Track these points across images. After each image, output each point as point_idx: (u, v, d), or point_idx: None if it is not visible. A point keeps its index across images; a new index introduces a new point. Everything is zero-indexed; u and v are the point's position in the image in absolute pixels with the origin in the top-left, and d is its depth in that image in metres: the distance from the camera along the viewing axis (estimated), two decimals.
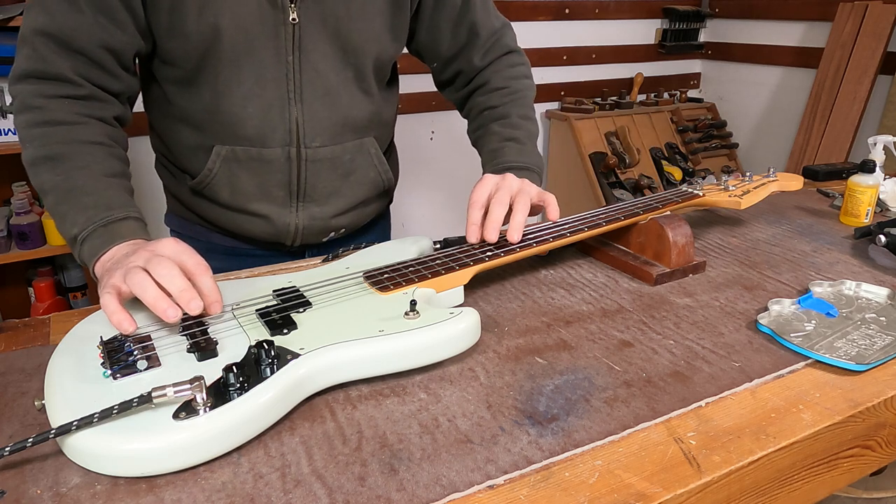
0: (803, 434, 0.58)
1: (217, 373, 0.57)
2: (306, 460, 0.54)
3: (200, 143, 0.92)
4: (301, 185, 0.95)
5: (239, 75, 0.87)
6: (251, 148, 0.91)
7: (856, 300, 0.82)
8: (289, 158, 0.92)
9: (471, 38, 1.04)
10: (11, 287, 2.15)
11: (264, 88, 0.88)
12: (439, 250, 0.82)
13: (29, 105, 0.79)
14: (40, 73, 0.80)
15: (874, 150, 1.18)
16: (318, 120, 0.92)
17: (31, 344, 0.73)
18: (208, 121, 0.90)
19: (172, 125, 0.94)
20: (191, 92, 0.89)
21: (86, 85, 0.82)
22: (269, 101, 0.89)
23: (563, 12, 2.84)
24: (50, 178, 0.77)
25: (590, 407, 0.61)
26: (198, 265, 0.66)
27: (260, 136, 0.90)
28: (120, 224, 0.75)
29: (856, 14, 2.58)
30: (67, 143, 0.78)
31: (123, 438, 0.51)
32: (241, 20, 0.84)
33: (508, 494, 0.51)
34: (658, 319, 0.78)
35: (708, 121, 3.15)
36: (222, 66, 0.86)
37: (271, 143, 0.91)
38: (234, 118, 0.89)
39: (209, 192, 0.96)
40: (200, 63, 0.86)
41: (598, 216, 0.91)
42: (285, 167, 0.93)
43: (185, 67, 0.87)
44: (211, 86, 0.88)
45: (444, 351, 0.66)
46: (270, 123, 0.90)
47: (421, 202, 2.77)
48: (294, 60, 0.88)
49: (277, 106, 0.89)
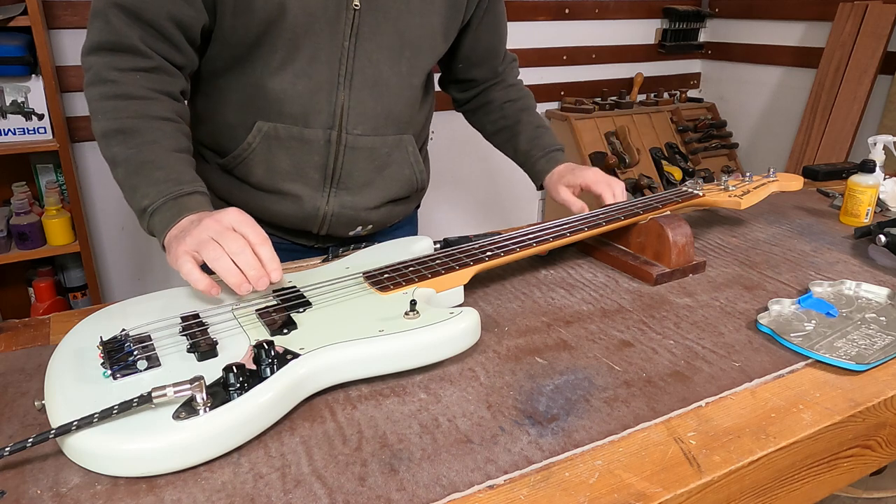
0: (803, 434, 0.58)
1: (217, 373, 0.57)
2: (306, 460, 0.54)
3: (242, 119, 0.93)
4: (337, 171, 0.96)
5: (295, 54, 0.87)
6: (293, 126, 0.91)
7: (856, 300, 0.82)
8: (329, 142, 0.93)
9: (500, 44, 1.14)
10: (11, 287, 2.15)
11: (316, 69, 0.89)
12: (439, 250, 0.82)
13: (103, 78, 0.81)
14: (112, 44, 0.81)
15: (874, 150, 1.18)
16: (364, 108, 0.93)
17: (31, 344, 0.73)
18: (255, 97, 0.91)
19: (213, 101, 0.95)
20: (243, 67, 0.90)
21: (155, 57, 0.83)
22: (319, 82, 0.90)
23: (563, 12, 2.84)
24: (122, 150, 0.79)
25: (590, 407, 0.61)
26: (258, 235, 0.70)
27: (304, 115, 0.91)
28: (189, 198, 0.77)
29: (856, 14, 2.58)
30: (139, 117, 0.80)
31: (123, 438, 0.51)
32: (307, 1, 0.85)
33: (508, 494, 0.51)
34: (658, 319, 0.78)
35: (708, 121, 3.14)
36: (281, 44, 0.87)
37: (314, 125, 0.92)
38: (283, 95, 0.89)
39: (241, 169, 0.96)
40: (260, 39, 0.86)
41: (598, 216, 0.91)
42: (324, 150, 0.94)
43: (244, 43, 0.87)
44: (265, 62, 0.88)
45: (444, 351, 0.66)
46: (317, 104, 0.91)
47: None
48: (350, 46, 0.89)
49: (326, 88, 0.90)
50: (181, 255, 0.69)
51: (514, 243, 0.82)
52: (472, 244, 0.83)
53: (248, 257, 0.68)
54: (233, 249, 0.68)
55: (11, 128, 1.84)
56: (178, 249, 0.70)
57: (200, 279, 0.68)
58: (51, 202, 1.92)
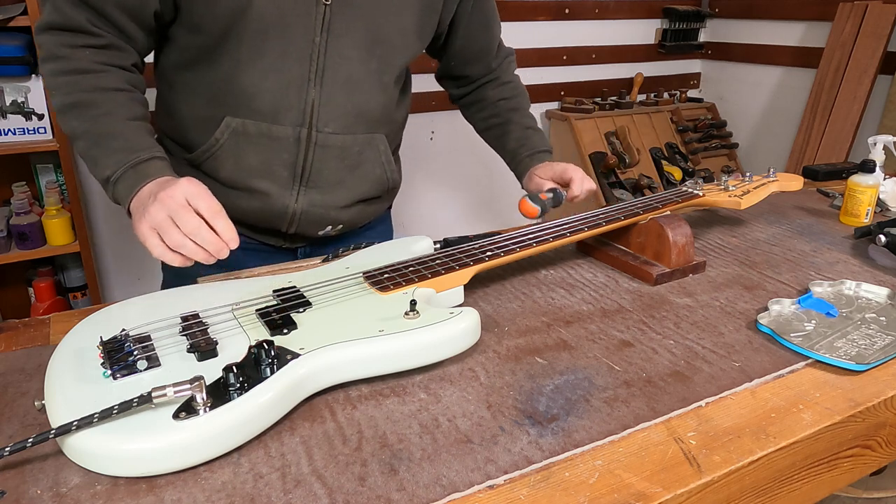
0: (803, 434, 0.58)
1: (217, 373, 0.57)
2: (306, 460, 0.54)
3: (211, 114, 0.92)
4: (307, 169, 0.95)
5: (263, 48, 0.87)
6: (262, 123, 0.91)
7: (856, 300, 0.82)
8: (298, 139, 0.92)
9: (492, 41, 1.14)
10: (11, 287, 2.15)
11: (286, 65, 0.88)
12: (439, 250, 0.82)
13: (55, 55, 0.82)
14: (60, 24, 0.82)
15: (874, 150, 1.18)
16: (335, 106, 0.92)
17: (31, 344, 0.73)
18: (223, 91, 0.90)
19: (182, 94, 0.94)
20: (211, 60, 0.89)
21: (105, 35, 0.84)
22: (289, 78, 0.89)
23: (563, 12, 2.84)
24: (79, 124, 0.81)
25: (590, 407, 0.61)
26: (210, 208, 0.72)
27: (273, 111, 0.90)
28: (147, 164, 0.79)
29: (856, 14, 2.58)
30: (93, 90, 0.82)
31: (123, 438, 0.51)
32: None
33: (508, 494, 0.51)
34: (658, 319, 0.78)
35: (708, 121, 3.14)
36: (248, 37, 0.86)
37: (284, 121, 0.91)
38: (252, 90, 0.89)
39: (209, 165, 0.95)
40: (227, 31, 0.86)
41: (598, 216, 0.91)
42: (294, 147, 0.93)
43: (210, 34, 0.87)
44: (233, 55, 0.87)
45: (444, 351, 0.66)
46: (286, 101, 0.90)
47: (421, 202, 2.77)
48: (321, 42, 0.88)
49: (296, 84, 0.89)
50: (147, 235, 0.72)
51: (514, 243, 0.82)
52: (472, 244, 0.83)
53: (204, 234, 0.71)
54: (189, 230, 0.71)
55: (11, 128, 1.84)
56: (142, 228, 0.73)
57: (173, 258, 0.72)
58: (51, 202, 1.92)
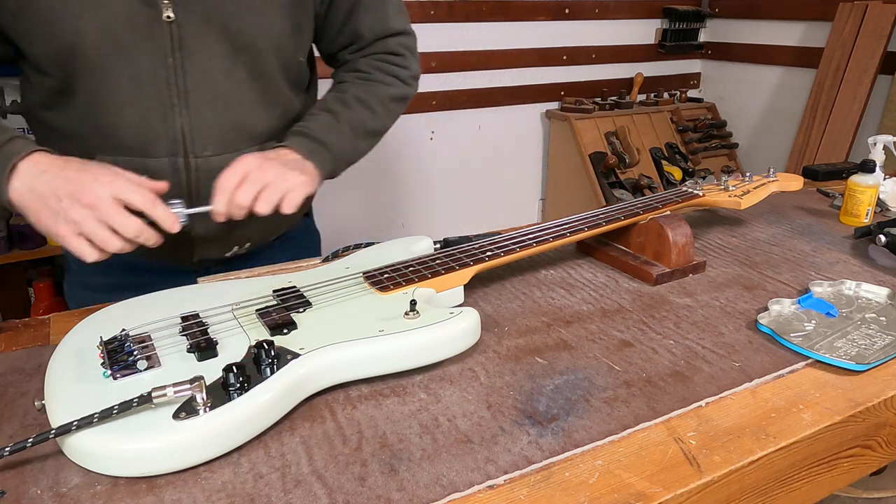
0: (803, 434, 0.58)
1: (217, 373, 0.57)
2: (306, 460, 0.54)
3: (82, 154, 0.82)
4: (195, 197, 0.86)
5: (111, 80, 0.81)
6: (134, 158, 0.83)
7: (856, 300, 0.82)
8: (177, 170, 0.85)
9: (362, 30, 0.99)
10: (11, 287, 2.15)
11: (142, 94, 0.82)
12: (439, 250, 0.82)
13: None
14: None
15: (874, 150, 1.18)
16: (208, 127, 0.85)
17: (31, 344, 0.73)
18: (86, 130, 0.84)
19: (53, 135, 0.87)
20: (67, 99, 0.84)
21: None
22: (149, 107, 0.82)
23: (563, 12, 2.84)
24: None
25: (590, 407, 0.61)
26: (144, 200, 0.71)
27: (141, 146, 0.83)
28: (9, 144, 0.74)
29: (856, 14, 2.58)
30: None
31: (123, 438, 0.51)
32: (106, 20, 0.78)
33: (508, 494, 0.51)
34: (658, 319, 0.78)
35: (708, 121, 3.14)
36: (92, 72, 0.80)
37: (155, 153, 0.84)
38: (112, 127, 0.83)
39: None
40: (67, 70, 0.80)
41: (598, 216, 0.91)
42: (175, 178, 0.85)
43: (54, 75, 0.81)
44: (85, 93, 0.82)
45: (444, 351, 0.66)
46: (152, 132, 0.83)
47: (421, 202, 2.77)
48: (176, 63, 0.81)
49: (159, 113, 0.82)
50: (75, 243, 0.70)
51: (514, 243, 0.82)
52: (472, 244, 0.83)
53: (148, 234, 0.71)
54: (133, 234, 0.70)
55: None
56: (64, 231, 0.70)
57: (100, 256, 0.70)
58: None
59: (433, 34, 2.51)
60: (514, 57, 2.77)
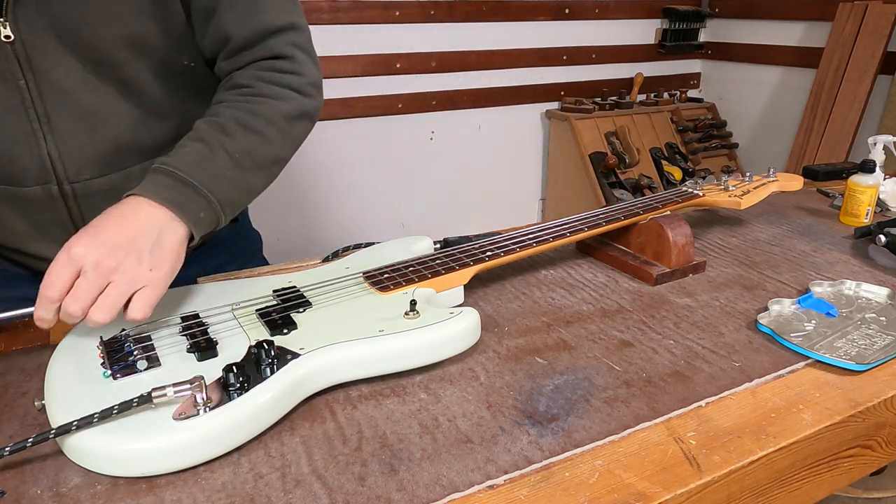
0: (803, 434, 0.58)
1: (217, 373, 0.57)
2: (306, 460, 0.54)
3: None
4: (81, 222, 0.80)
5: None
6: (8, 187, 0.77)
7: (856, 300, 0.82)
8: (52, 197, 0.78)
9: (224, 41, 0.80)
10: None
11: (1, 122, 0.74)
12: (439, 250, 0.82)
13: None
14: None
15: (874, 150, 1.18)
16: (80, 148, 0.77)
17: (31, 344, 0.73)
18: None
19: None
20: None
21: None
22: (9, 134, 0.74)
23: (563, 12, 2.84)
24: None
25: (590, 407, 0.61)
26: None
27: (10, 175, 0.77)
28: None
29: (856, 14, 2.58)
30: None
31: (123, 438, 0.51)
32: None
33: (508, 494, 0.51)
34: (658, 319, 0.78)
35: (708, 121, 3.14)
36: None
37: (26, 182, 0.77)
38: None
39: None
40: None
41: (597, 216, 0.91)
42: (53, 206, 0.79)
43: None
44: None
45: (444, 351, 0.66)
46: (18, 161, 0.76)
47: (421, 202, 2.77)
48: (29, 84, 0.72)
49: (20, 141, 0.75)
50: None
51: (514, 243, 0.82)
52: (472, 244, 0.83)
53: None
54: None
55: None
56: None
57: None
58: None
59: (433, 34, 2.51)
60: (514, 57, 2.77)
